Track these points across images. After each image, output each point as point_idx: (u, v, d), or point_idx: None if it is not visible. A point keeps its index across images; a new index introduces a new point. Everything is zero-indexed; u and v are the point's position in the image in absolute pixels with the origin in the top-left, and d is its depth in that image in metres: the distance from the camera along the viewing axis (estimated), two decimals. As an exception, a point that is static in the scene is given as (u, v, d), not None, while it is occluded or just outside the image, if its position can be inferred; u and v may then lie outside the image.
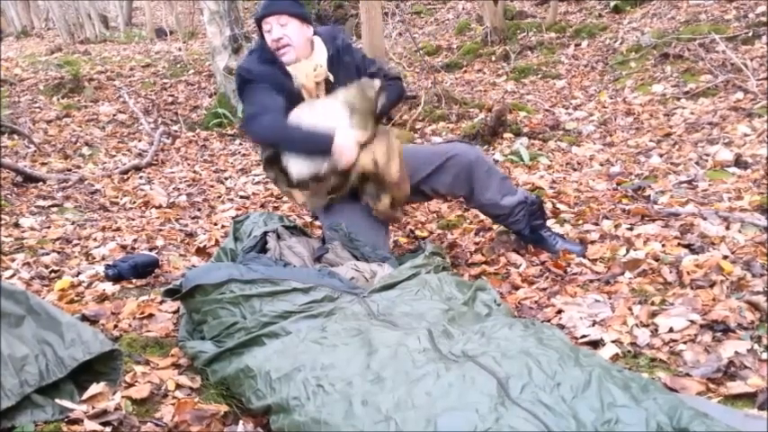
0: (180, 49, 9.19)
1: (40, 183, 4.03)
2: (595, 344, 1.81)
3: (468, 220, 3.06)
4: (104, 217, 3.43)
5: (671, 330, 1.80)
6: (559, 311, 2.03)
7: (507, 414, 1.18)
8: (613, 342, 1.79)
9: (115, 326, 2.03)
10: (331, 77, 2.45)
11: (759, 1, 6.36)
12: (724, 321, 1.77)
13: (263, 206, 3.66)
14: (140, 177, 4.39)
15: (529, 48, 7.61)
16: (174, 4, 12.90)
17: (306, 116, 2.34)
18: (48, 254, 2.74)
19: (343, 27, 2.74)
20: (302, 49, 2.40)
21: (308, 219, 3.25)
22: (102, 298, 2.27)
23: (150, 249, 2.83)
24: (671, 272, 2.16)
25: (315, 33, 2.47)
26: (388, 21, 8.32)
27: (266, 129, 2.32)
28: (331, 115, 2.29)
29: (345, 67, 2.47)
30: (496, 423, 1.17)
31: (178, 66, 8.16)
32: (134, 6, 15.71)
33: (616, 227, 2.67)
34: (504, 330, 1.51)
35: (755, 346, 1.66)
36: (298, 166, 2.33)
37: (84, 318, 2.05)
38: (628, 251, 2.40)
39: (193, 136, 5.67)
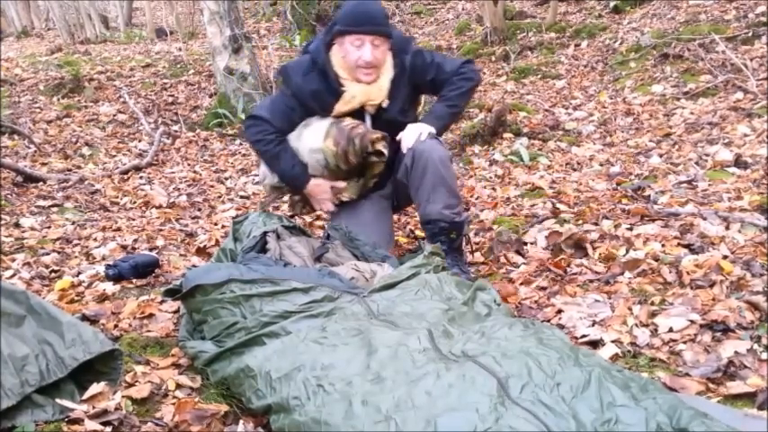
0: (180, 50, 9.18)
1: (41, 183, 4.03)
2: (595, 344, 1.81)
3: (468, 220, 3.07)
4: (104, 217, 3.43)
5: (671, 330, 1.80)
6: (559, 311, 2.03)
7: (507, 414, 1.18)
8: (613, 342, 1.79)
9: (115, 326, 2.03)
10: (385, 104, 2.38)
11: (759, 1, 6.36)
12: (724, 321, 1.77)
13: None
14: (140, 177, 4.40)
15: (529, 48, 7.60)
16: (174, 4, 12.90)
17: (294, 138, 2.39)
18: (48, 254, 2.74)
19: (413, 39, 2.65)
20: (380, 71, 2.35)
21: (308, 219, 3.25)
22: (103, 298, 2.27)
23: (150, 249, 2.83)
24: (671, 272, 2.16)
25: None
26: (388, 21, 8.30)
27: (256, 141, 2.42)
28: (312, 148, 2.35)
29: (406, 86, 2.40)
30: (496, 423, 1.17)
31: (178, 66, 8.15)
32: (134, 6, 15.70)
33: (616, 227, 2.67)
34: (504, 330, 1.51)
35: (755, 346, 1.66)
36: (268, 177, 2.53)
37: (84, 318, 2.05)
38: (627, 251, 2.40)
39: (193, 136, 5.67)
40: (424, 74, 2.42)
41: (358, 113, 2.39)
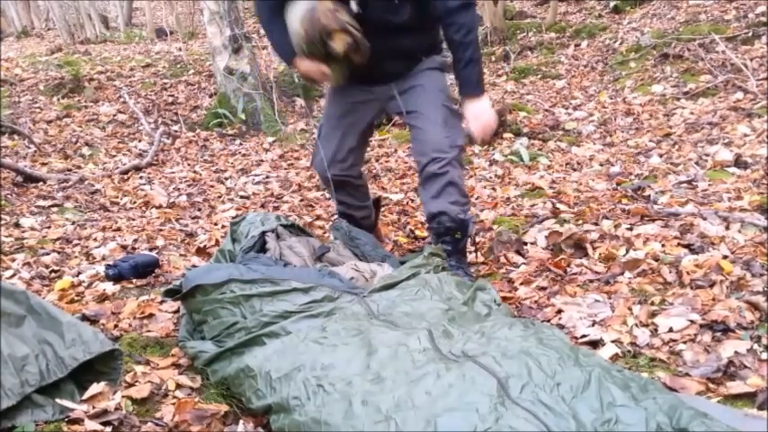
0: (180, 50, 9.18)
1: (41, 183, 4.03)
2: (595, 344, 1.81)
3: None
4: (104, 217, 3.43)
5: (671, 330, 1.80)
6: (559, 311, 2.03)
7: (507, 414, 1.18)
8: (613, 342, 1.79)
9: (115, 326, 2.03)
10: None
11: (759, 1, 6.37)
12: (724, 321, 1.77)
13: (263, 206, 3.66)
14: (140, 177, 4.39)
15: (529, 48, 7.61)
16: (174, 4, 12.90)
17: (287, 13, 2.23)
18: (48, 254, 2.74)
19: None
20: None
21: (309, 219, 3.25)
22: (103, 298, 2.27)
23: (150, 249, 2.83)
24: (671, 272, 2.16)
25: None
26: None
27: (258, 14, 2.42)
28: (291, 30, 2.19)
29: None
30: (496, 423, 1.17)
31: (178, 66, 8.15)
32: (134, 6, 15.69)
33: (616, 227, 2.67)
34: (504, 330, 1.51)
35: (755, 346, 1.66)
36: None
37: (84, 318, 2.05)
38: (627, 251, 2.40)
39: (193, 136, 5.67)
40: None
41: None
